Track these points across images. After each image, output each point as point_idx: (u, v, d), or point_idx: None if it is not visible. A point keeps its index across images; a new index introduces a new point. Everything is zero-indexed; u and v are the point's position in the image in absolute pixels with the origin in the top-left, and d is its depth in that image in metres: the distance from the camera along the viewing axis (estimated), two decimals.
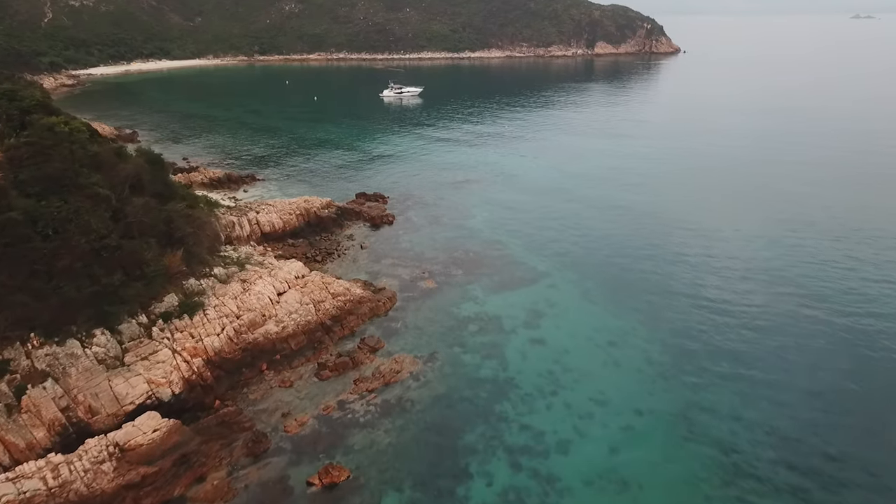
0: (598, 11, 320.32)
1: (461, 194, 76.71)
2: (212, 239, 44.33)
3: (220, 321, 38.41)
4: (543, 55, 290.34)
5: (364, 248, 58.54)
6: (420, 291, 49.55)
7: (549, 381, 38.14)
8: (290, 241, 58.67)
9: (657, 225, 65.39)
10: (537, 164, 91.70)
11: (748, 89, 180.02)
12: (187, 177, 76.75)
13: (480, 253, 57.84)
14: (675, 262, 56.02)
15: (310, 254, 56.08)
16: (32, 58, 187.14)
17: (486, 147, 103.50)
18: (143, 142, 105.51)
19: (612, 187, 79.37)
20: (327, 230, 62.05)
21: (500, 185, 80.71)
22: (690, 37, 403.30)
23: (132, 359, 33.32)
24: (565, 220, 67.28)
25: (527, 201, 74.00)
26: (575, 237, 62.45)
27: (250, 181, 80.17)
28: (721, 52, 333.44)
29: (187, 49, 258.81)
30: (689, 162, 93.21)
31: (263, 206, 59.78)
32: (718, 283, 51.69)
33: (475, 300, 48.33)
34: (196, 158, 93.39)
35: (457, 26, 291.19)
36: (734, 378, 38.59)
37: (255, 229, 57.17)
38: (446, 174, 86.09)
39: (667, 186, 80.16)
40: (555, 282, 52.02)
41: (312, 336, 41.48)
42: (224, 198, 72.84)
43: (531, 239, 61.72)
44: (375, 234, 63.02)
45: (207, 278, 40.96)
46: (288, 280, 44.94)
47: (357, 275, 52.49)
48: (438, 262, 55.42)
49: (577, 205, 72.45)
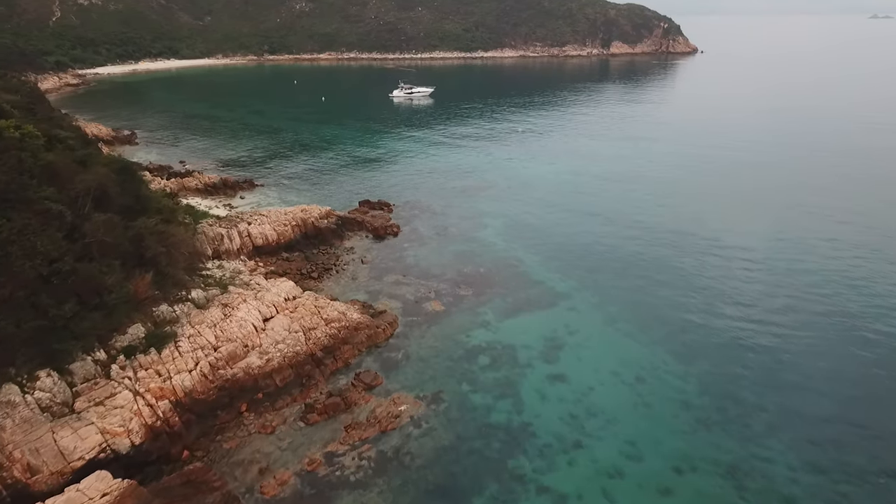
0: (614, 10, 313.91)
1: (472, 202, 71.54)
2: (191, 257, 39.48)
3: (195, 355, 33.49)
4: (558, 55, 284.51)
5: (365, 263, 53.51)
6: (425, 315, 44.41)
7: (572, 428, 32.85)
8: (285, 254, 53.78)
9: (685, 238, 59.82)
10: (553, 169, 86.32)
11: (772, 91, 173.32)
12: (181, 182, 72.17)
13: (492, 269, 52.63)
14: (708, 281, 50.50)
15: (305, 269, 51.10)
16: (37, 57, 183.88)
17: (499, 150, 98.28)
18: (140, 143, 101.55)
19: (634, 195, 73.83)
20: (326, 242, 57.09)
21: (514, 192, 75.44)
22: (707, 37, 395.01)
23: (84, 404, 28.46)
24: (584, 232, 61.93)
25: (542, 210, 68.71)
26: (596, 251, 57.08)
27: (248, 187, 75.40)
28: (739, 53, 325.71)
29: (196, 48, 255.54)
30: (714, 166, 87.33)
31: (256, 216, 54.90)
32: (760, 308, 46.14)
33: (486, 326, 43.13)
34: (194, 162, 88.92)
35: (469, 25, 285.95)
36: (790, 426, 33.14)
37: (247, 242, 52.31)
38: (456, 180, 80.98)
39: (693, 194, 74.49)
40: (574, 304, 46.69)
41: (301, 370, 36.46)
42: (218, 205, 68.28)
43: (547, 253, 56.42)
44: (378, 246, 57.99)
45: (183, 303, 36.07)
46: (276, 304, 39.98)
47: (356, 294, 47.45)
48: (446, 280, 50.26)
49: (597, 214, 67.06)
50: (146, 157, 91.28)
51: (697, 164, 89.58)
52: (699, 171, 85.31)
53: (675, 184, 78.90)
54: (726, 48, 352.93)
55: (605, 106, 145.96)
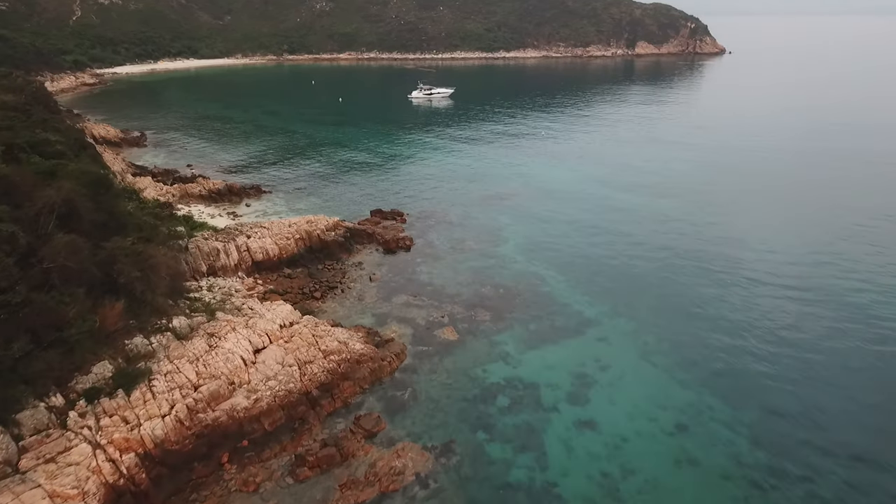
0: (640, 10, 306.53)
1: (491, 212, 66.77)
2: (175, 279, 35.22)
3: (170, 396, 29.19)
4: (581, 55, 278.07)
5: (373, 281, 48.98)
6: (437, 344, 39.74)
7: (605, 492, 27.95)
8: (287, 270, 49.46)
9: (729, 257, 54.39)
10: (578, 176, 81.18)
11: (806, 93, 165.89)
12: (184, 188, 68.37)
13: (513, 289, 47.79)
14: (757, 309, 45.13)
15: (308, 288, 46.73)
16: (55, 56, 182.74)
17: (521, 155, 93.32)
18: (149, 145, 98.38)
19: (666, 206, 68.45)
20: (333, 257, 52.69)
21: (536, 202, 70.48)
22: (734, 37, 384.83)
23: (31, 462, 24.25)
24: (614, 247, 56.82)
25: (566, 223, 63.70)
26: (626, 270, 51.94)
27: (255, 193, 71.37)
28: (769, 53, 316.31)
29: (215, 48, 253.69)
30: (754, 175, 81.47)
31: (257, 228, 50.65)
32: (820, 342, 40.79)
33: (506, 359, 38.34)
34: (202, 165, 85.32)
35: (491, 25, 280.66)
36: (865, 490, 27.95)
37: (245, 257, 48.09)
38: (475, 187, 76.23)
39: (733, 207, 68.86)
40: (605, 333, 41.70)
41: (293, 411, 31.99)
42: (222, 213, 64.38)
43: (573, 271, 51.41)
44: (389, 261, 53.45)
45: (161, 334, 31.81)
46: (269, 332, 35.59)
47: (361, 318, 42.95)
48: (461, 302, 45.55)
49: (627, 228, 61.88)
50: (153, 161, 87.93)
51: (733, 171, 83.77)
52: (736, 180, 79.50)
53: (713, 194, 73.26)
54: (756, 49, 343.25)
55: (631, 108, 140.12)
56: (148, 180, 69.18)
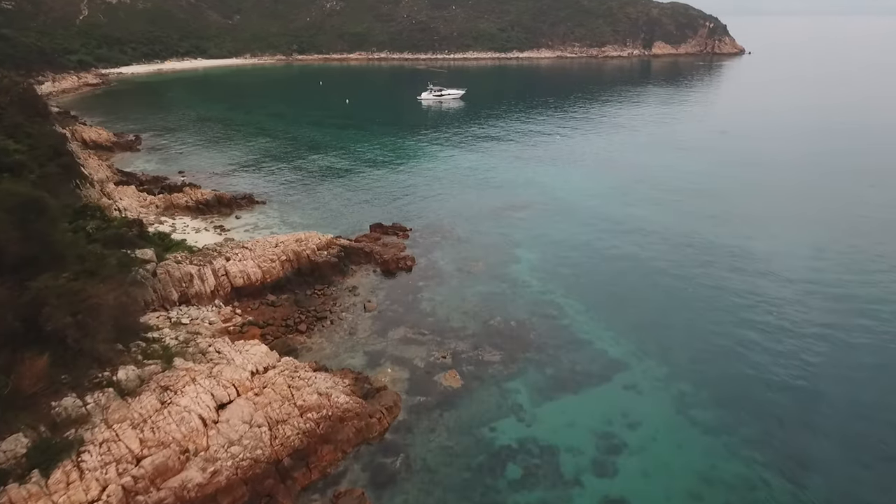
0: (657, 9, 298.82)
1: (503, 226, 60.91)
2: (123, 320, 29.66)
3: (103, 473, 23.66)
4: (597, 55, 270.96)
5: (368, 310, 43.26)
6: (437, 393, 33.93)
7: None
8: (271, 297, 43.87)
9: (770, 286, 48.14)
10: (596, 185, 75.03)
11: (834, 96, 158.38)
12: (168, 198, 63.09)
13: (526, 322, 41.91)
14: (820, 355, 39.00)
15: (292, 319, 41.11)
16: (58, 56, 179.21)
17: (535, 162, 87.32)
18: (143, 149, 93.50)
19: (696, 221, 62.18)
20: (324, 279, 47.02)
21: (552, 214, 64.55)
22: (753, 37, 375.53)
23: None
24: (639, 270, 50.73)
25: (585, 238, 57.71)
26: (655, 298, 45.86)
27: (246, 204, 65.93)
28: (790, 54, 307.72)
29: (224, 48, 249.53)
30: (785, 181, 75.08)
31: (238, 249, 45.08)
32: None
33: (518, 413, 32.47)
34: (195, 171, 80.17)
35: (505, 25, 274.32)
36: None
37: (224, 282, 42.58)
38: (486, 197, 70.40)
39: (772, 219, 62.45)
40: (634, 379, 35.69)
41: (259, 486, 26.33)
42: (209, 227, 59.05)
43: (594, 299, 45.42)
44: (388, 285, 47.74)
45: (101, 391, 26.32)
46: (237, 382, 29.98)
47: (351, 357, 37.28)
48: (467, 337, 39.75)
49: (655, 245, 55.76)
50: (144, 166, 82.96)
51: (764, 184, 77.26)
52: (769, 193, 73.09)
53: (744, 211, 66.88)
54: (777, 50, 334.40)
55: (650, 110, 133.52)
56: (131, 190, 64.04)
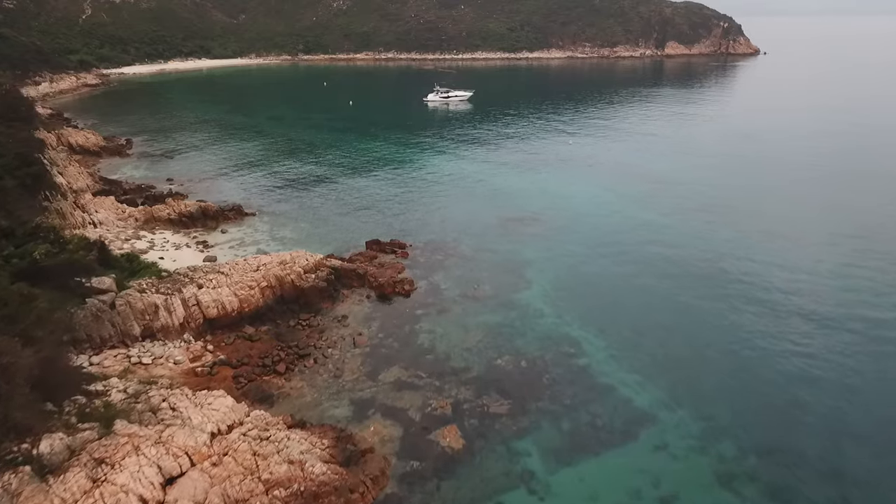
0: (670, 9, 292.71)
1: (512, 243, 55.64)
2: (55, 374, 24.62)
3: None
4: (608, 56, 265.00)
5: (358, 346, 38.08)
6: (434, 456, 28.62)
7: None
8: (249, 329, 38.78)
9: (824, 311, 42.67)
10: (614, 197, 69.49)
11: (857, 97, 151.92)
12: (149, 211, 58.26)
13: (538, 362, 36.59)
14: (870, 406, 33.54)
15: (271, 357, 35.97)
16: (58, 55, 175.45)
17: (546, 169, 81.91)
18: (133, 154, 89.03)
19: (732, 240, 56.52)
20: (311, 307, 41.90)
21: (565, 230, 59.19)
22: (767, 37, 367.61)
23: None
24: (667, 297, 45.20)
25: (604, 258, 52.34)
26: (687, 333, 40.33)
27: (234, 216, 60.94)
28: (808, 54, 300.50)
29: (229, 48, 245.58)
30: (825, 195, 69.45)
31: (213, 275, 39.96)
32: None
33: (529, 482, 27.16)
34: (183, 179, 75.42)
35: (514, 25, 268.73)
36: None
37: (195, 313, 37.54)
38: (493, 208, 65.16)
39: (808, 238, 56.92)
40: (665, 437, 30.29)
41: None
42: (191, 242, 54.19)
43: (615, 332, 40.04)
44: (382, 313, 42.56)
45: (13, 471, 21.25)
46: (192, 449, 24.86)
47: (334, 407, 32.10)
48: (470, 382, 34.47)
49: (684, 267, 50.17)
50: (132, 173, 78.33)
51: (792, 196, 71.61)
52: (804, 202, 67.45)
53: (789, 223, 61.28)
54: (793, 50, 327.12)
55: (667, 113, 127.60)
56: (110, 201, 59.25)
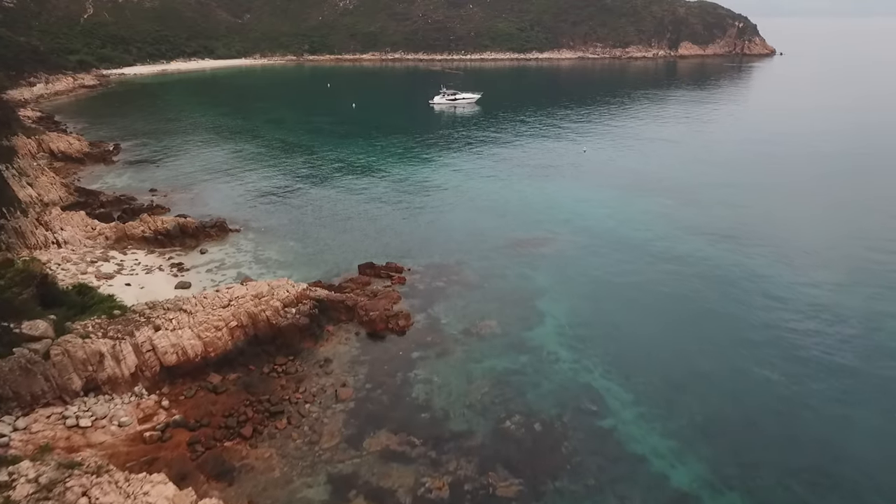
0: (684, 8, 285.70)
1: (522, 265, 49.74)
2: None
3: None
4: (620, 56, 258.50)
5: (342, 399, 32.27)
6: None
7: None
8: (215, 377, 33.05)
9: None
10: (635, 213, 63.20)
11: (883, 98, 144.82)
12: (121, 228, 52.72)
13: (554, 424, 30.64)
14: None
15: (237, 415, 30.24)
16: (56, 56, 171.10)
17: (559, 180, 75.83)
18: (119, 161, 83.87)
19: (771, 264, 50.52)
20: (290, 348, 36.18)
21: (582, 250, 53.22)
22: (783, 38, 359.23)
23: None
24: (705, 338, 38.99)
25: (628, 286, 46.30)
26: (731, 383, 34.25)
27: (217, 234, 55.30)
28: (826, 55, 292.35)
29: (233, 48, 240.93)
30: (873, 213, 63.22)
31: (174, 313, 34.18)
32: None
33: None
34: (169, 188, 70.15)
35: (524, 24, 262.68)
36: None
37: (150, 360, 31.89)
38: (502, 225, 59.30)
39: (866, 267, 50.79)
40: None
41: None
42: (164, 265, 48.67)
43: (646, 383, 33.94)
44: (372, 356, 36.75)
45: None
46: None
47: (307, 487, 26.30)
48: (473, 452, 28.60)
49: (718, 299, 43.98)
50: (114, 182, 73.07)
51: (849, 202, 65.38)
52: (851, 223, 61.27)
53: (826, 245, 55.16)
54: (810, 50, 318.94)
55: (683, 117, 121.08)
56: (79, 217, 53.72)
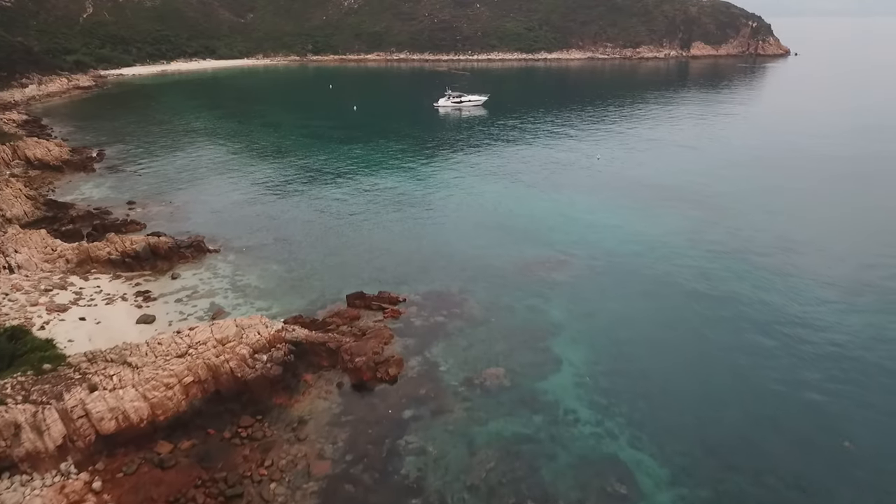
0: (696, 8, 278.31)
1: (534, 295, 43.81)
2: None
3: None
4: (631, 56, 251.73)
5: (314, 477, 26.44)
6: None
7: None
8: (164, 446, 27.37)
9: None
10: (657, 232, 56.81)
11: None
12: (84, 249, 47.15)
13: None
14: None
15: (187, 499, 24.59)
16: (51, 56, 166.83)
17: (571, 191, 69.65)
18: (100, 169, 78.54)
19: (816, 287, 44.46)
20: (258, 405, 30.46)
21: (601, 276, 47.23)
22: (797, 37, 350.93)
23: None
24: (751, 387, 33.11)
25: (655, 325, 40.25)
26: (785, 451, 28.39)
27: (193, 255, 49.64)
28: (843, 56, 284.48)
29: (235, 48, 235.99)
30: None
31: (116, 367, 28.47)
32: None
33: None
34: (149, 200, 64.80)
35: (532, 24, 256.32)
36: None
37: (83, 429, 26.19)
38: (510, 244, 53.36)
39: None
40: None
41: None
42: (128, 293, 43.15)
43: (684, 453, 27.96)
44: (355, 415, 30.86)
45: None
46: None
47: None
48: None
49: (763, 340, 38.02)
50: (91, 193, 67.69)
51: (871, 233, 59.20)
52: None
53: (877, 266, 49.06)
54: (826, 50, 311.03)
55: (699, 120, 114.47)
56: (39, 236, 48.13)
